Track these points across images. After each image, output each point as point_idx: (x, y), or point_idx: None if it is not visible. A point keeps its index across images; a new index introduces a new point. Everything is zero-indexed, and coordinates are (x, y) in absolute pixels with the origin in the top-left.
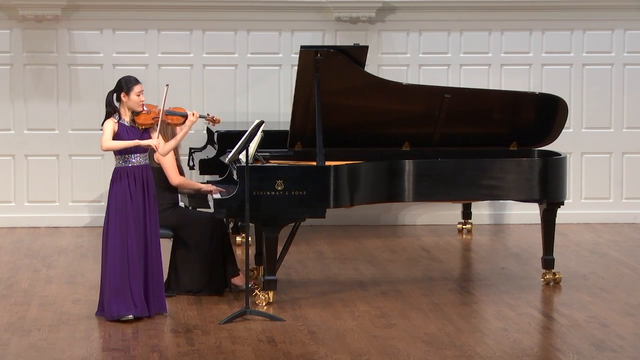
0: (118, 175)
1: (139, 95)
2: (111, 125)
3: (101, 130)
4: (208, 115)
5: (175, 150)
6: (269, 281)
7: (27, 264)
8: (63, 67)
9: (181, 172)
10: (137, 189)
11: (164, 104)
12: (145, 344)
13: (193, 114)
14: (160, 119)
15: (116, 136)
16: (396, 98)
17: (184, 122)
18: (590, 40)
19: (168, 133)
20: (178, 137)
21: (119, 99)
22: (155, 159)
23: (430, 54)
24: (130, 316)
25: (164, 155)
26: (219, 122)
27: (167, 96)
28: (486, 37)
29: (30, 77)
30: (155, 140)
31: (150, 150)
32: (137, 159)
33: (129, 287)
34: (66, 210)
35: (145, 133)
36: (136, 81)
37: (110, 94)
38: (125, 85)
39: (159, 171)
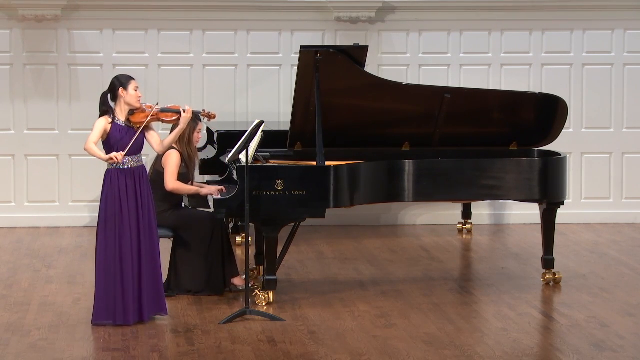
0: (109, 178)
1: (136, 90)
2: (102, 124)
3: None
4: (203, 111)
5: (191, 156)
6: (269, 281)
7: (27, 264)
8: (63, 67)
9: (188, 180)
10: (128, 192)
11: (147, 119)
12: (145, 344)
13: (185, 110)
14: (148, 119)
15: (108, 136)
16: (396, 98)
17: (178, 119)
18: (590, 40)
19: (185, 137)
20: (174, 133)
21: (114, 99)
22: (162, 163)
23: (430, 54)
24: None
25: (162, 152)
26: (214, 117)
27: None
28: (486, 37)
29: (30, 77)
30: (116, 154)
31: (157, 154)
32: (129, 161)
33: (122, 294)
34: (66, 210)
35: (141, 133)
36: (130, 77)
37: (104, 95)
38: (121, 82)
39: (164, 175)
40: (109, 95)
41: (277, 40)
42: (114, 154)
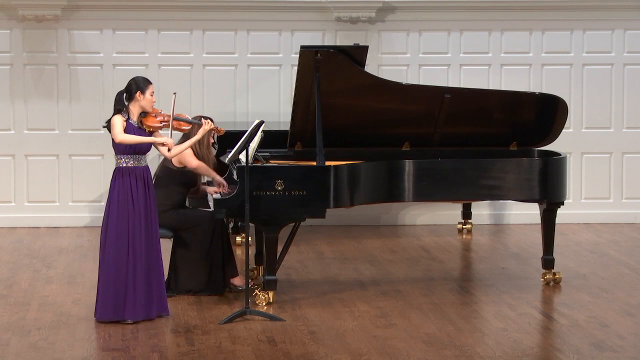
0: (120, 174)
1: (152, 95)
2: (120, 120)
3: (104, 127)
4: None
5: (206, 159)
6: (269, 281)
7: (27, 264)
8: (63, 67)
9: (196, 179)
10: (139, 190)
11: (172, 110)
12: (145, 344)
13: (207, 122)
14: (170, 125)
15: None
16: (396, 98)
17: (189, 130)
18: (590, 40)
19: (205, 141)
20: (188, 142)
21: (129, 99)
22: (177, 161)
23: (430, 54)
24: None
25: (171, 158)
26: (222, 132)
27: (175, 104)
28: (486, 37)
29: (30, 77)
30: (168, 138)
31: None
32: (139, 160)
33: (133, 290)
34: (66, 210)
35: (151, 136)
36: (149, 82)
37: (120, 94)
38: (138, 85)
39: (173, 173)
40: (124, 95)
41: (277, 40)
42: (165, 139)
